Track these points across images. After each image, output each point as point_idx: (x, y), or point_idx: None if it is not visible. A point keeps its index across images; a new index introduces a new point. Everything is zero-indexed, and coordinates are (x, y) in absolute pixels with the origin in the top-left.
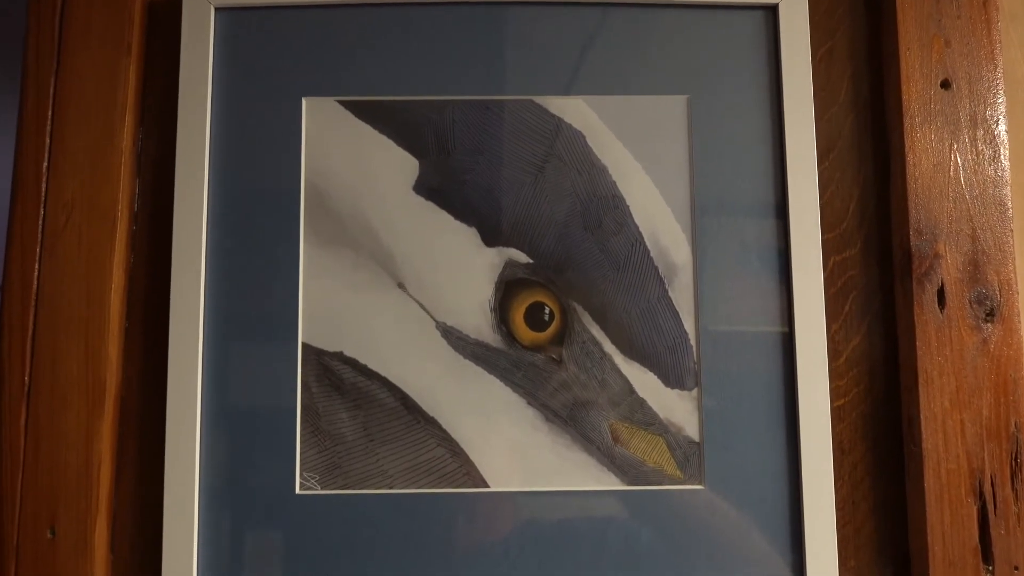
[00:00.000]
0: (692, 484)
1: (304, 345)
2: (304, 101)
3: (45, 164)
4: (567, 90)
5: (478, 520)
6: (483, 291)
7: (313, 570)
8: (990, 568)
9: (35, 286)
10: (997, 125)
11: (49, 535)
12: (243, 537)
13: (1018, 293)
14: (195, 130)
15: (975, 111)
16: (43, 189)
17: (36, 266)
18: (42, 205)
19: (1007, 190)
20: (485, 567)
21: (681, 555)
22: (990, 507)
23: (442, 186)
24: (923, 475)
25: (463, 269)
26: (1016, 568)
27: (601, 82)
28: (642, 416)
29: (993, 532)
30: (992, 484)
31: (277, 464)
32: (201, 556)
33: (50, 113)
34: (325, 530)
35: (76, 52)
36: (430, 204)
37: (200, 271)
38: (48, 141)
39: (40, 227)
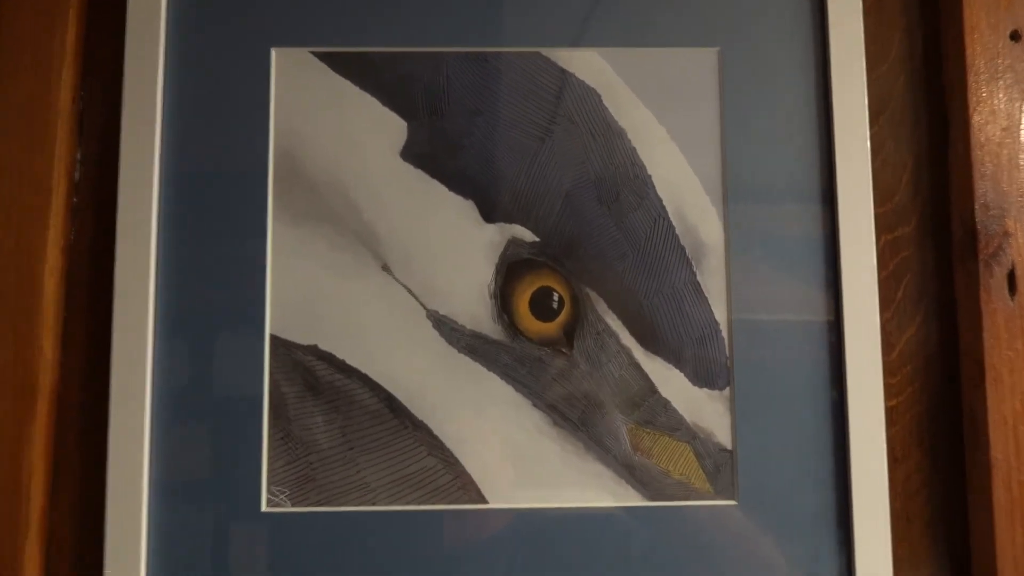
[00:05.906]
0: (723, 499)
1: (273, 338)
2: (274, 52)
3: None
4: (578, 41)
5: (474, 541)
6: (482, 274)
7: None
8: None
9: None
10: None
11: None
12: (200, 563)
13: None
14: (145, 86)
15: None
16: None
17: None
18: None
19: None
20: None
21: None
22: None
23: (434, 152)
24: (991, 487)
25: (458, 249)
26: None
27: (618, 32)
28: (666, 420)
29: None
30: None
31: (240, 477)
32: None
33: None
34: (296, 554)
35: None
36: (420, 173)
37: (150, 251)
38: None
39: None
